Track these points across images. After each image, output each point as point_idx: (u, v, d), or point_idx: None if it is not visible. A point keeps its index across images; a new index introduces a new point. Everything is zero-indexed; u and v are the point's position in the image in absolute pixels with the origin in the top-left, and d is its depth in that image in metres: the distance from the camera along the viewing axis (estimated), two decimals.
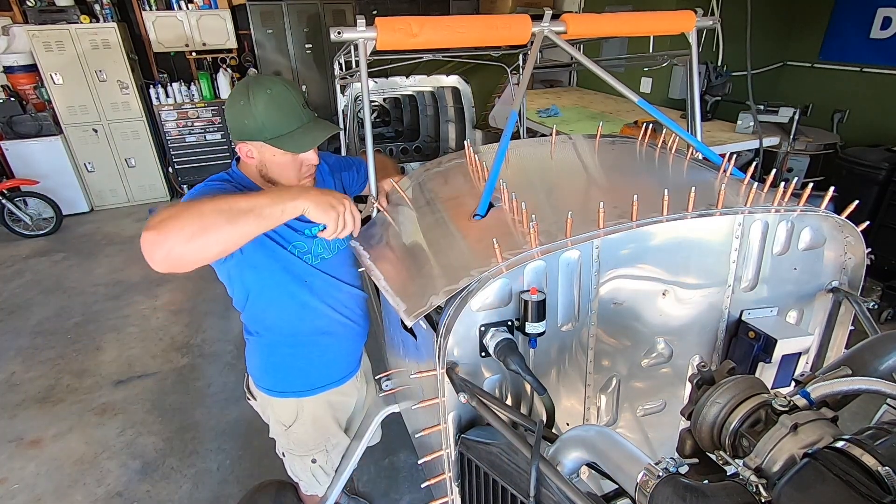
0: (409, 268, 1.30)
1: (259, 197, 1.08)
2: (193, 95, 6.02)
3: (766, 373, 1.27)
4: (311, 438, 1.64)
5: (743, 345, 1.28)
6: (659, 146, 1.72)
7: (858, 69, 4.48)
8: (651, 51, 2.11)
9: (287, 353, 1.52)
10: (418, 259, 1.30)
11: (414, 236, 1.40)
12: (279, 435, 1.66)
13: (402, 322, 1.28)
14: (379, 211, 1.55)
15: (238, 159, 1.39)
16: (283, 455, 1.73)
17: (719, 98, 4.08)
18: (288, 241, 1.37)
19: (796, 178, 1.51)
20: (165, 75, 6.25)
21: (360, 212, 1.41)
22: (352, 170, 1.69)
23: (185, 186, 6.36)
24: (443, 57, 3.32)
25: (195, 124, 6.06)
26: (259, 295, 1.42)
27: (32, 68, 5.52)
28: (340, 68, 2.84)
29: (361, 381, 1.79)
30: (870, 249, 1.28)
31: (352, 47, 1.56)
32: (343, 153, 3.20)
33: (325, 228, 1.17)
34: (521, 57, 3.20)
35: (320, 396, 1.60)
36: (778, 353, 1.19)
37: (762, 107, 3.77)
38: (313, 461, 1.68)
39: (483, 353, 1.10)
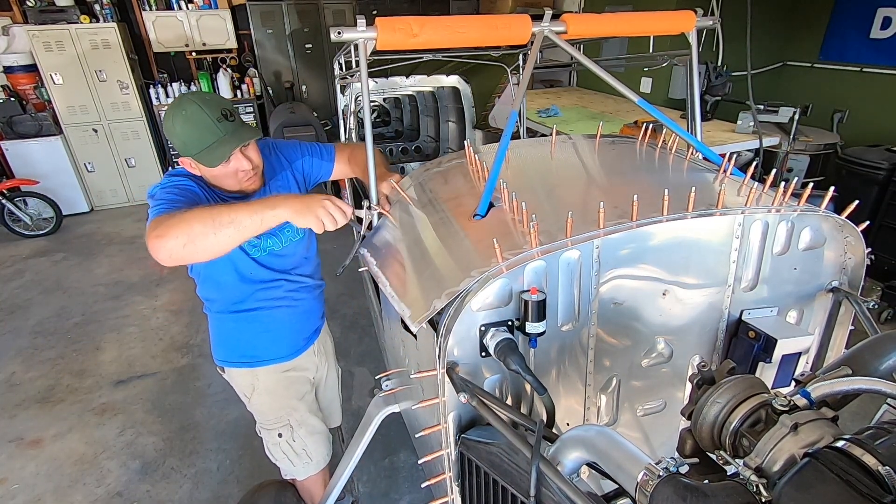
0: (411, 271, 1.30)
1: (239, 210, 1.19)
2: None
3: (767, 373, 1.27)
4: (271, 410, 1.73)
5: (743, 345, 1.28)
6: (659, 146, 1.72)
7: (858, 69, 4.48)
8: (651, 51, 2.11)
9: (232, 326, 1.63)
10: (420, 262, 1.30)
11: (415, 238, 1.40)
12: (247, 406, 1.76)
13: (403, 322, 1.28)
14: (381, 216, 1.55)
15: None
16: (260, 433, 1.80)
17: (719, 98, 4.08)
18: None
19: (796, 178, 1.51)
20: (165, 75, 6.24)
21: (360, 220, 1.45)
22: (307, 156, 1.70)
23: None
24: (443, 57, 3.32)
25: None
26: (204, 270, 1.54)
27: (32, 68, 5.52)
28: (340, 68, 2.84)
29: (321, 357, 1.87)
30: (870, 249, 1.28)
31: (352, 47, 1.56)
32: None
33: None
34: (521, 57, 3.20)
35: (271, 368, 1.68)
36: (778, 353, 1.19)
37: (762, 107, 3.78)
38: (279, 435, 1.75)
39: (483, 353, 1.10)
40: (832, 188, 1.37)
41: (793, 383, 0.87)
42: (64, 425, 2.90)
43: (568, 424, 1.30)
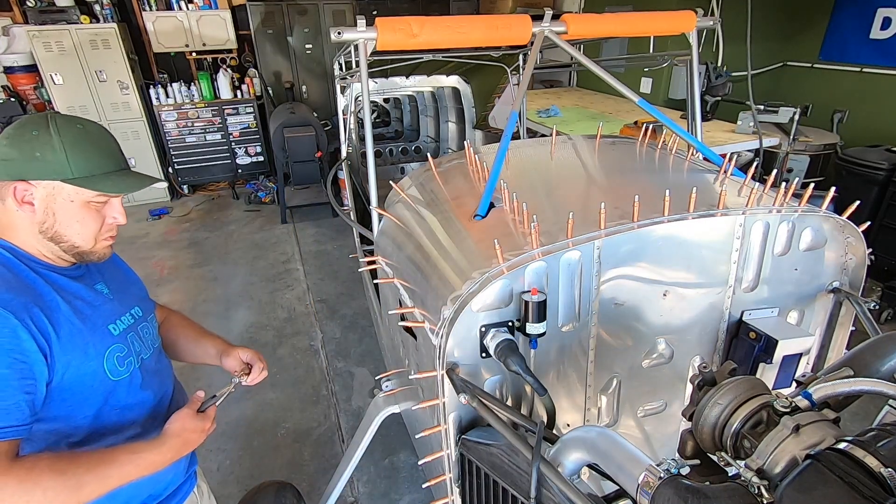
0: (421, 279, 1.29)
1: (124, 466, 0.93)
2: (193, 96, 6.01)
3: (767, 374, 1.27)
4: None
5: (744, 345, 1.28)
6: (659, 146, 1.72)
7: (858, 69, 4.48)
8: (651, 51, 2.11)
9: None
10: (426, 267, 1.30)
11: (419, 241, 1.40)
12: None
13: (402, 321, 1.28)
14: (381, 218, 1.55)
15: None
16: None
17: (719, 98, 4.08)
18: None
19: (797, 179, 1.51)
20: (165, 75, 6.24)
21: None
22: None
23: (185, 187, 6.36)
24: (443, 57, 3.32)
25: (195, 125, 6.05)
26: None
27: (32, 68, 5.51)
28: (340, 68, 2.84)
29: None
30: (870, 250, 1.28)
31: (352, 47, 1.56)
32: (343, 154, 3.20)
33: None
34: (521, 57, 3.20)
35: None
36: (779, 354, 1.19)
37: (762, 107, 3.77)
38: None
39: (484, 354, 1.10)
40: (833, 189, 1.36)
41: (794, 384, 0.87)
42: None
43: (568, 425, 1.30)
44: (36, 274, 1.00)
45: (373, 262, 1.63)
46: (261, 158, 6.43)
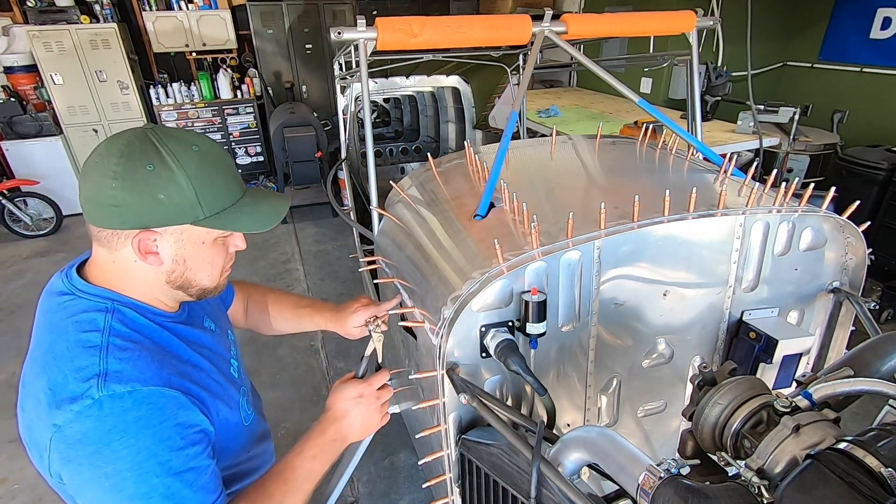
0: (421, 279, 1.29)
1: (313, 462, 0.91)
2: (193, 96, 6.02)
3: (768, 374, 1.27)
4: None
5: (744, 345, 1.28)
6: (659, 146, 1.72)
7: (858, 69, 4.48)
8: (651, 51, 2.11)
9: None
10: (426, 267, 1.29)
11: (419, 241, 1.40)
12: None
13: (402, 321, 1.28)
14: (381, 217, 1.55)
15: (70, 281, 0.82)
16: None
17: (719, 98, 4.08)
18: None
19: (797, 179, 1.51)
20: (165, 75, 6.24)
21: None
22: None
23: None
24: (443, 57, 3.32)
25: (195, 125, 6.06)
26: None
27: (32, 68, 5.51)
28: (340, 68, 2.84)
29: None
30: (870, 250, 1.28)
31: (352, 47, 1.56)
32: (343, 153, 3.20)
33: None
34: (521, 57, 3.20)
35: None
36: (779, 354, 1.19)
37: (762, 107, 3.77)
38: None
39: (484, 354, 1.10)
40: (833, 189, 1.36)
41: (794, 384, 0.87)
42: None
43: (568, 425, 1.30)
44: (163, 329, 0.84)
45: (373, 262, 1.63)
46: (261, 158, 6.43)
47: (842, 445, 0.62)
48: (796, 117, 3.73)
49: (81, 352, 0.73)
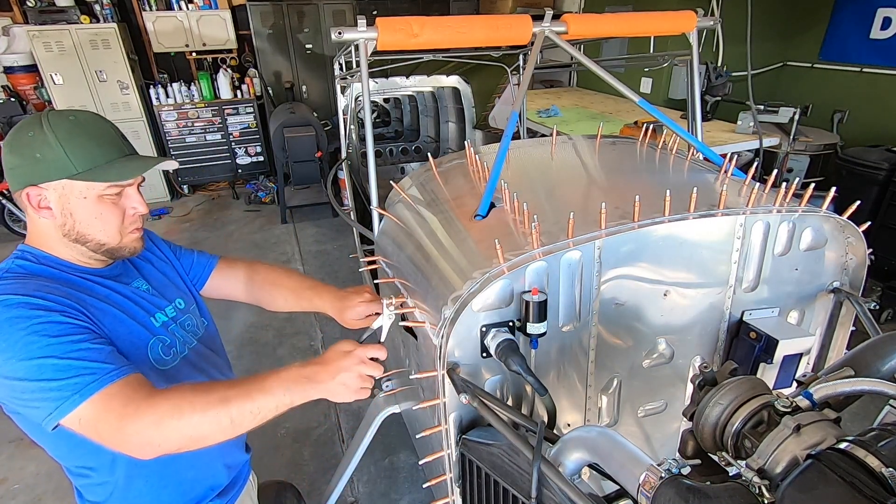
0: (422, 279, 1.29)
1: (262, 395, 0.89)
2: (193, 96, 6.01)
3: (768, 374, 1.27)
4: None
5: (744, 345, 1.28)
6: (659, 147, 1.72)
7: (858, 69, 4.48)
8: (651, 51, 2.11)
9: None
10: (426, 267, 1.30)
11: (419, 241, 1.40)
12: None
13: (403, 321, 1.28)
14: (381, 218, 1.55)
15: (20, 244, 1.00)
16: None
17: (719, 98, 4.08)
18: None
19: (797, 179, 1.51)
20: (165, 75, 6.24)
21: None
22: (185, 257, 1.31)
23: (185, 187, 6.36)
24: (443, 57, 3.32)
25: (195, 124, 6.06)
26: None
27: (32, 68, 5.51)
28: (340, 68, 2.84)
29: None
30: (870, 250, 1.28)
31: (352, 47, 1.56)
32: (343, 153, 3.20)
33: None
34: (521, 57, 3.20)
35: None
36: (779, 354, 1.19)
37: (762, 107, 3.77)
38: None
39: (484, 354, 1.10)
40: (833, 189, 1.36)
41: (794, 384, 0.87)
42: None
43: (569, 425, 1.30)
44: (75, 276, 0.99)
45: (373, 262, 1.64)
46: (261, 158, 6.43)
47: (842, 445, 0.62)
48: (796, 117, 3.73)
49: None
